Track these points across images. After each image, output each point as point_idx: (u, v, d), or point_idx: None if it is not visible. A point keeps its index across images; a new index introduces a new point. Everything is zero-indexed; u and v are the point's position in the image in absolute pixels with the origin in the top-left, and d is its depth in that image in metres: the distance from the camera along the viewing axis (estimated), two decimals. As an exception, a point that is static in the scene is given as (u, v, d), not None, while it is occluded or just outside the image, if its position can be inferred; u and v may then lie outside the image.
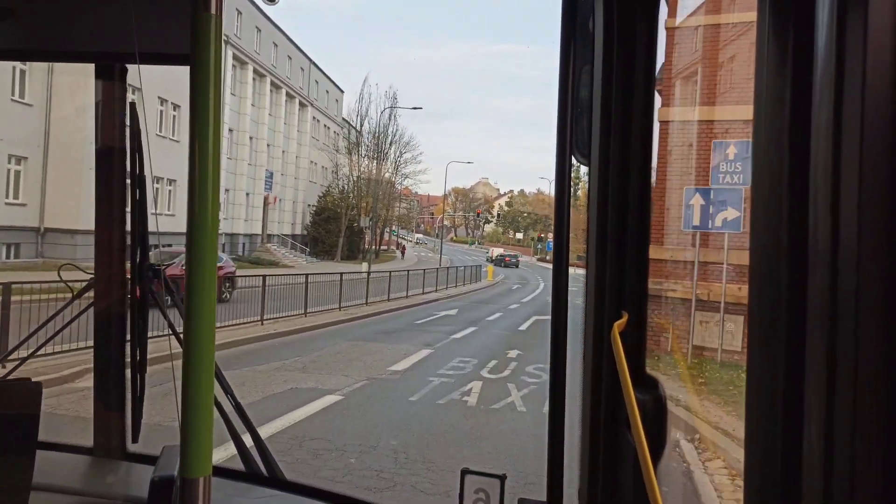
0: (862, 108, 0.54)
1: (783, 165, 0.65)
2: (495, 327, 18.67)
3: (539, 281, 45.29)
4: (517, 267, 61.57)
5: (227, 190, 36.60)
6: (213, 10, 0.91)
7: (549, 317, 1.15)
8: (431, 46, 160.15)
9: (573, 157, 1.16)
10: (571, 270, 1.17)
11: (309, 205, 49.10)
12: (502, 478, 1.26)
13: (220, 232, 1.04)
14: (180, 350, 0.97)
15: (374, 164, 51.89)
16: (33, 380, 1.53)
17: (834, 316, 0.57)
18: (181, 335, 0.95)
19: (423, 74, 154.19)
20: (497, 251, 68.37)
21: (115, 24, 1.79)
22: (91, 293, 2.12)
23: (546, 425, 1.14)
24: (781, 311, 0.64)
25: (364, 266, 35.91)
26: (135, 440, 2.08)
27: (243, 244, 38.69)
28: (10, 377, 1.88)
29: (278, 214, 45.24)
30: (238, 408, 1.93)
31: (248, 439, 1.93)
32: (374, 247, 49.06)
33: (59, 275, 2.11)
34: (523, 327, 19.24)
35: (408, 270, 28.43)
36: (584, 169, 1.20)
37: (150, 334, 1.95)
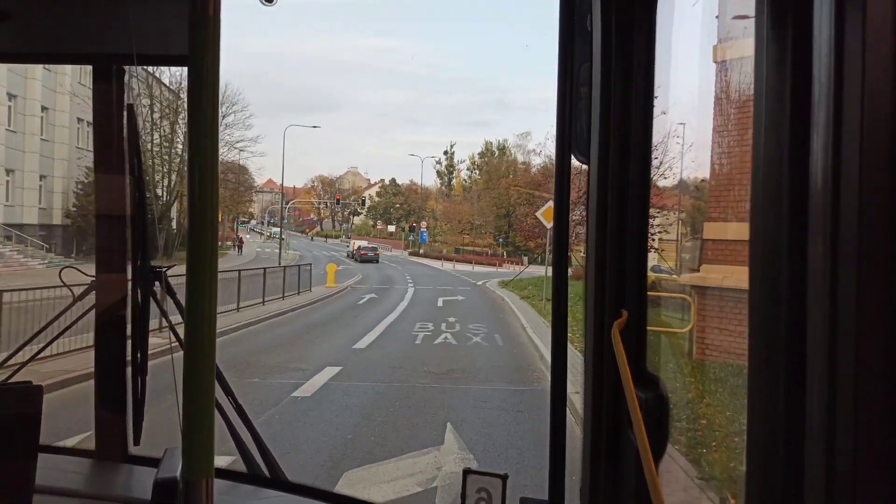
0: (861, 104, 0.54)
1: (783, 163, 0.64)
2: None
3: (408, 285, 31.67)
4: (377, 262, 50.75)
5: None
6: (210, 13, 0.94)
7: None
8: (302, 38, 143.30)
9: (573, 156, 1.17)
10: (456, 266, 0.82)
11: (78, 183, 33.45)
12: (504, 477, 1.24)
13: None
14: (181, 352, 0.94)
15: (168, 124, 37.21)
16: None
17: (834, 315, 0.56)
18: (182, 337, 0.96)
19: (292, 66, 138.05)
20: (359, 244, 57.46)
21: (114, 26, 1.83)
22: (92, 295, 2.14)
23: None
24: (782, 310, 0.64)
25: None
26: (136, 443, 2.07)
27: None
28: (11, 380, 1.85)
29: (8, 193, 29.64)
30: (239, 409, 1.93)
31: (249, 441, 1.89)
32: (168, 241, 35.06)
33: (60, 277, 2.12)
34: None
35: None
36: (460, 155, 0.89)
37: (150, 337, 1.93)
